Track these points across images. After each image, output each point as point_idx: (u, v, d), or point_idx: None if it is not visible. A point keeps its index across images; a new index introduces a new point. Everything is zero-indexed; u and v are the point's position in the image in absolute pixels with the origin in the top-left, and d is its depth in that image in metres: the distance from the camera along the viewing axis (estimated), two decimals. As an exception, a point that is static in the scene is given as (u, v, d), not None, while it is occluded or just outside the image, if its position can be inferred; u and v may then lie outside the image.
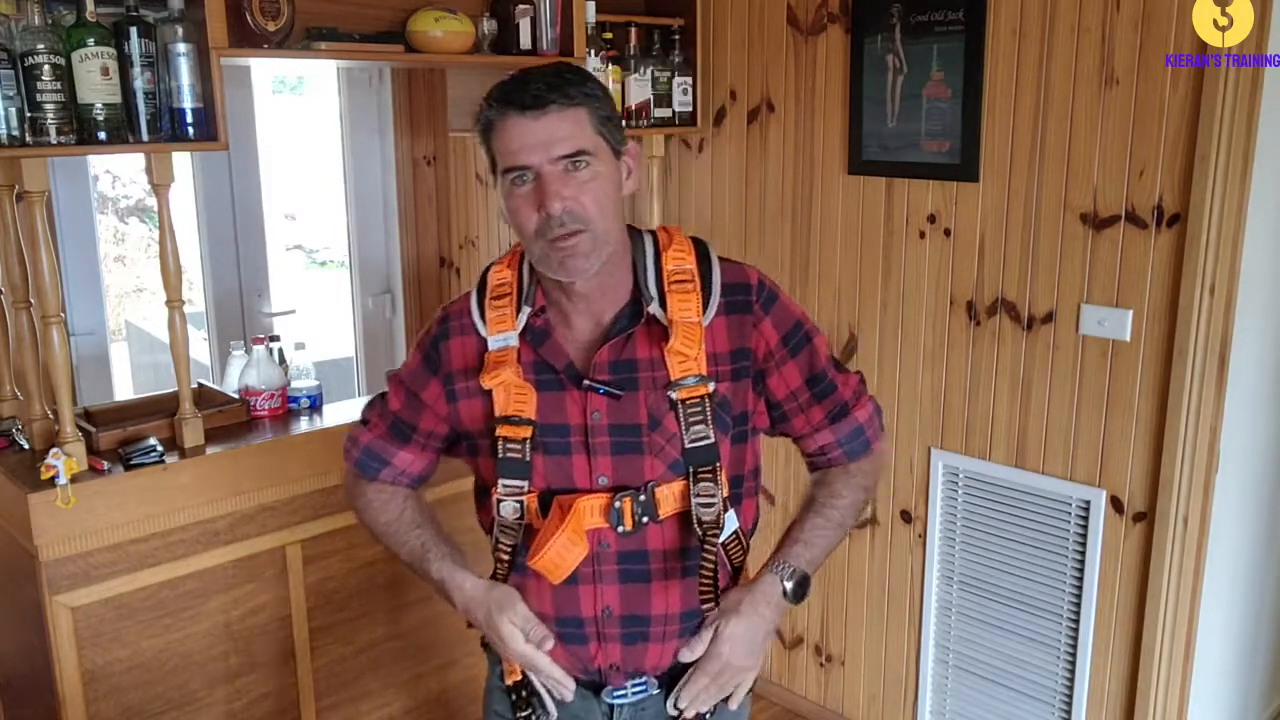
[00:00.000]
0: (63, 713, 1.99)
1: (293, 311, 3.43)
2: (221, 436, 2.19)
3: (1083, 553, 2.30)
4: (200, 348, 3.35)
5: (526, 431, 1.31)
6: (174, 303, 2.07)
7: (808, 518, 1.38)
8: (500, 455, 1.32)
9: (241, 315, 3.29)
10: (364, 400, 2.11)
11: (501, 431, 1.32)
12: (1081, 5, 2.12)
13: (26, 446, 2.07)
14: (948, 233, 2.42)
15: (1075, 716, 2.37)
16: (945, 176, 2.39)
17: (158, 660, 2.10)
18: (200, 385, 2.33)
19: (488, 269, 1.40)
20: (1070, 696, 2.38)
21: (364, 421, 1.50)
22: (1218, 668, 2.47)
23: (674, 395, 1.29)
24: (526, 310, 1.34)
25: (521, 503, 1.33)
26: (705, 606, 1.33)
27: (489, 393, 1.33)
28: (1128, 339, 2.16)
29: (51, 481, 1.91)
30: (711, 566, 1.31)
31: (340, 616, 2.35)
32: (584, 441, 1.32)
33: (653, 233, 1.38)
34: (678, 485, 1.31)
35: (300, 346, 2.45)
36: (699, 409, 1.30)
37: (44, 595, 1.94)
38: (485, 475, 1.40)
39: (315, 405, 2.38)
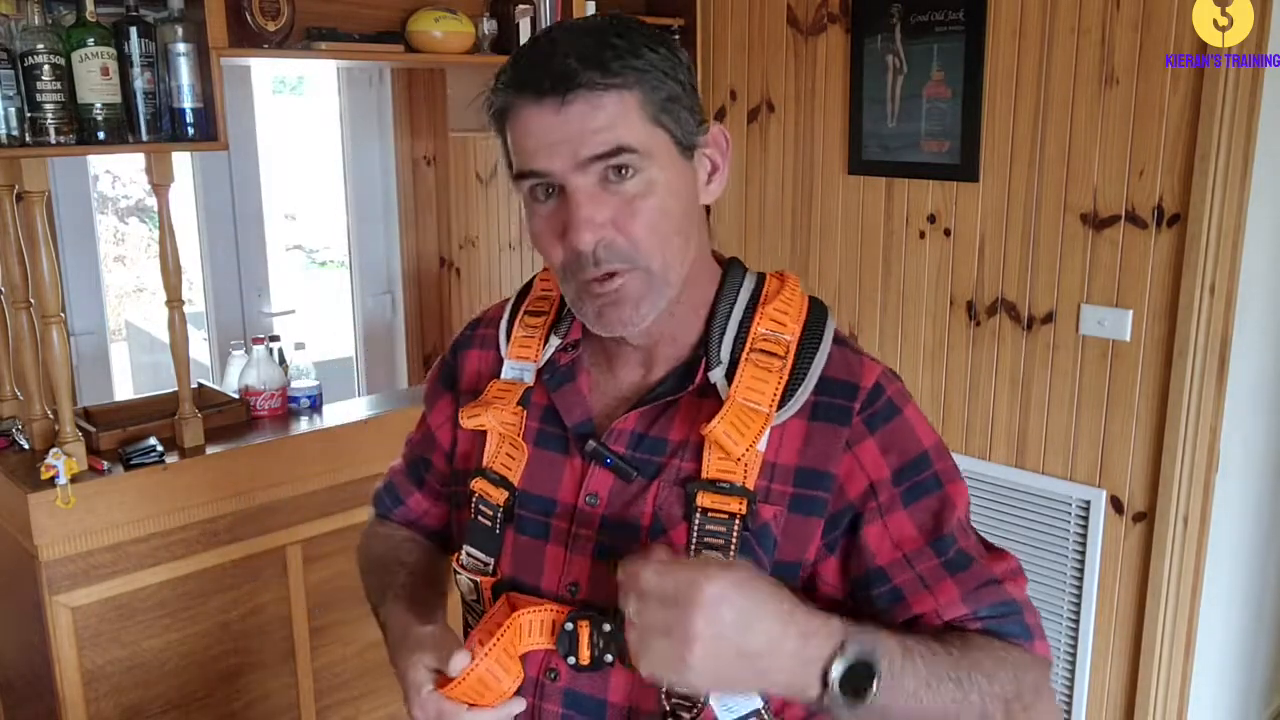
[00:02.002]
0: (63, 713, 1.99)
1: (293, 311, 3.43)
2: (221, 436, 2.19)
3: (1083, 553, 2.30)
4: (200, 348, 3.35)
5: (502, 496, 0.99)
6: (174, 303, 2.07)
7: (916, 634, 0.87)
8: (472, 515, 1.02)
9: (241, 315, 3.29)
10: (364, 400, 2.09)
11: (477, 485, 1.01)
12: (1081, 5, 2.12)
13: (26, 446, 2.07)
14: (948, 233, 2.42)
15: (1075, 716, 2.37)
16: (945, 176, 2.39)
17: (158, 660, 2.10)
18: (200, 385, 2.33)
19: (540, 272, 1.08)
20: (1070, 696, 2.38)
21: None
22: (1218, 668, 2.47)
23: (695, 499, 0.90)
24: (554, 341, 1.02)
25: (477, 583, 1.01)
26: None
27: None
28: (1128, 339, 2.16)
29: (51, 481, 1.91)
30: None
31: (340, 616, 2.35)
32: (567, 529, 0.96)
33: (762, 275, 0.99)
34: None
35: (300, 346, 2.45)
36: (722, 531, 0.89)
37: (44, 595, 1.94)
38: (457, 533, 1.09)
39: (315, 405, 2.38)
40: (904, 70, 2.42)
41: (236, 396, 2.33)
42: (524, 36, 2.43)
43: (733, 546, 0.89)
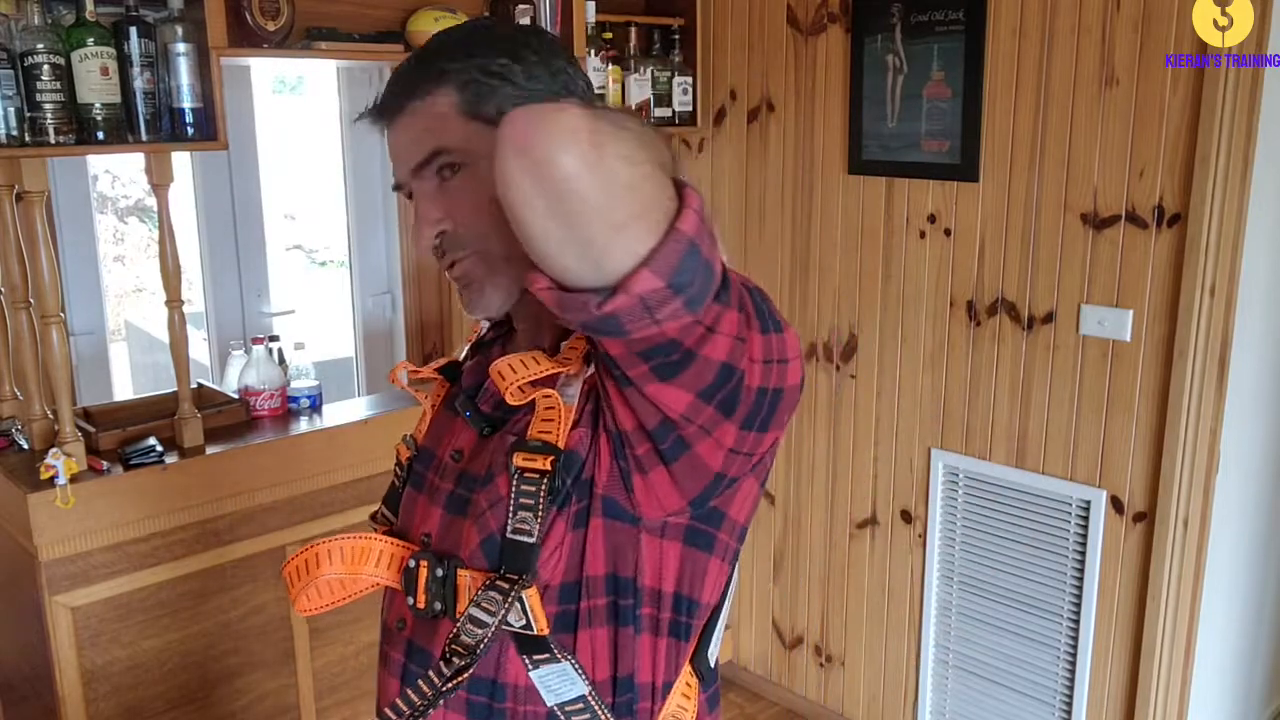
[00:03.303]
0: (63, 713, 1.99)
1: (292, 311, 3.43)
2: (221, 436, 2.19)
3: (1083, 553, 2.30)
4: (200, 348, 3.34)
5: (406, 454, 1.08)
6: (174, 303, 2.07)
7: None
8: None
9: (241, 315, 3.29)
10: (364, 400, 2.08)
11: (398, 447, 1.10)
12: (1081, 5, 2.12)
13: (26, 446, 2.07)
14: (948, 233, 2.42)
15: (1075, 716, 2.37)
16: (945, 176, 2.39)
17: (158, 660, 2.10)
18: (200, 385, 2.33)
19: None
20: (1070, 696, 2.38)
21: None
22: (1218, 668, 2.47)
23: (513, 458, 0.91)
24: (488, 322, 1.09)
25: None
26: None
27: None
28: (1128, 339, 2.16)
29: (51, 481, 1.91)
30: (421, 703, 0.93)
31: (340, 617, 2.35)
32: (434, 482, 1.02)
33: None
34: (481, 579, 0.92)
35: (300, 346, 2.45)
36: (532, 491, 0.90)
37: (44, 595, 1.94)
38: None
39: (315, 405, 2.38)
40: (904, 70, 2.42)
41: (236, 396, 2.33)
42: (524, 36, 2.43)
43: (540, 506, 0.89)
